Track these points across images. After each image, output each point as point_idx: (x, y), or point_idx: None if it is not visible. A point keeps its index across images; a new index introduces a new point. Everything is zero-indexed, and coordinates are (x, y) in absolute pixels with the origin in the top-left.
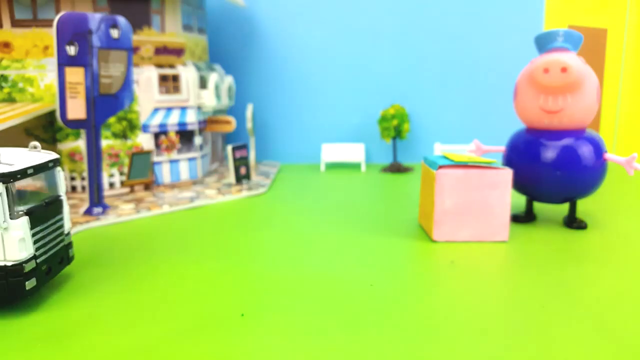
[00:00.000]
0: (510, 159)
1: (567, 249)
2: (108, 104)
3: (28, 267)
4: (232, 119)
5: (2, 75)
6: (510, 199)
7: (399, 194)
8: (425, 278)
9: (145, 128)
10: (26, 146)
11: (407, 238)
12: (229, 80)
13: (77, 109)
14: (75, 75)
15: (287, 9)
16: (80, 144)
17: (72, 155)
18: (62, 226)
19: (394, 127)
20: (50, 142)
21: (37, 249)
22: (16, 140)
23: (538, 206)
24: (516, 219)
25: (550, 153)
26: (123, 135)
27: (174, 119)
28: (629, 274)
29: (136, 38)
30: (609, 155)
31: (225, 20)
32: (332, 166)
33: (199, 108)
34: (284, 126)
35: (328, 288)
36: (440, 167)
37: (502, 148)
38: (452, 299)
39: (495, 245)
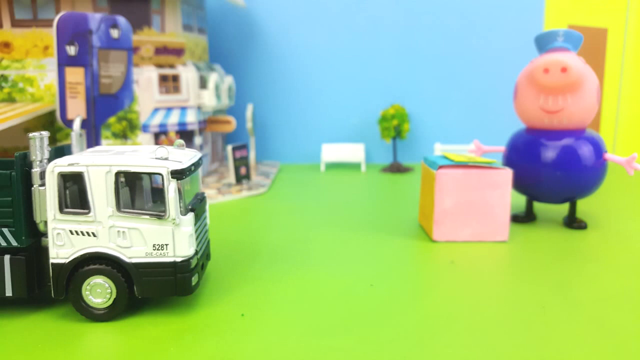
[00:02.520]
0: (510, 159)
1: (567, 249)
2: (108, 104)
3: (193, 263)
4: (232, 119)
5: (2, 75)
6: (510, 199)
7: (399, 194)
8: (425, 278)
9: (145, 128)
10: (26, 146)
11: (407, 238)
12: (229, 80)
13: (77, 109)
14: (75, 75)
15: (287, 9)
16: None
17: None
18: (207, 223)
19: (394, 127)
20: (50, 142)
21: (197, 245)
22: (16, 140)
23: (538, 206)
24: (516, 219)
25: (550, 153)
26: (123, 135)
27: (174, 119)
28: (628, 274)
29: (136, 38)
30: (609, 155)
31: (225, 20)
32: (332, 166)
33: (199, 108)
34: (284, 126)
35: (328, 288)
36: (440, 167)
37: (502, 148)
38: (452, 299)
39: (495, 245)
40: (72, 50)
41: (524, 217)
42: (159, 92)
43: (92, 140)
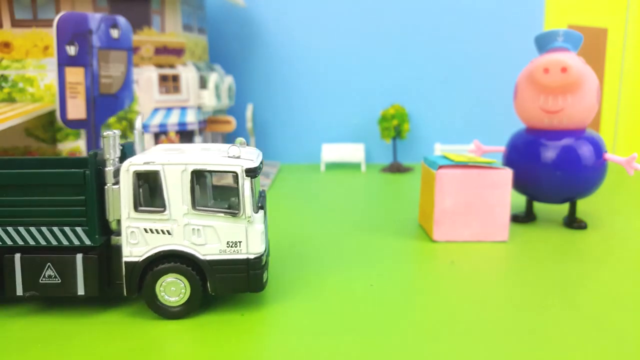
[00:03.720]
0: (510, 159)
1: (567, 249)
2: (108, 104)
3: (264, 260)
4: (232, 119)
5: (2, 75)
6: (510, 199)
7: (399, 194)
8: (425, 278)
9: (145, 128)
10: (26, 146)
11: (407, 238)
12: (229, 80)
13: (77, 109)
14: (75, 75)
15: (287, 9)
16: (80, 144)
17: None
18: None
19: (394, 127)
20: (50, 142)
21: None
22: (16, 140)
23: (538, 206)
24: (516, 219)
25: (550, 153)
26: (123, 135)
27: (174, 119)
28: (628, 274)
29: (136, 38)
30: (609, 155)
31: (225, 20)
32: (332, 166)
33: (199, 108)
34: (284, 126)
35: (328, 288)
36: (440, 167)
37: (502, 148)
38: (452, 299)
39: (495, 245)
40: (72, 50)
41: (524, 217)
42: (159, 92)
43: (92, 140)
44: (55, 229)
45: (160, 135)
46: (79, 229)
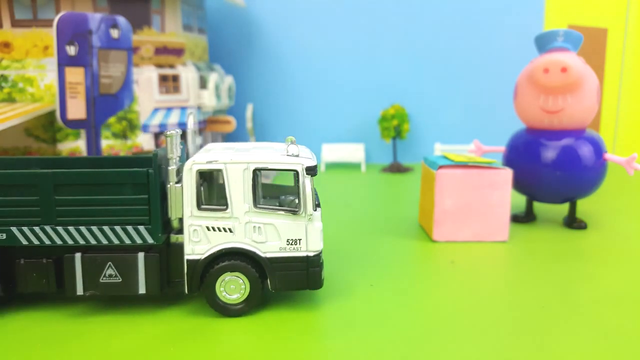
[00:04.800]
0: (510, 159)
1: (567, 249)
2: (108, 104)
3: (321, 258)
4: (232, 119)
5: (2, 75)
6: (510, 199)
7: (399, 194)
8: (425, 278)
9: (145, 128)
10: (26, 146)
11: (407, 238)
12: (229, 80)
13: (77, 109)
14: (75, 75)
15: (287, 9)
16: (80, 144)
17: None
18: None
19: (394, 127)
20: (50, 142)
21: None
22: (16, 140)
23: (538, 206)
24: (516, 219)
25: (550, 153)
26: (123, 135)
27: (174, 119)
28: (628, 274)
29: (136, 38)
30: (608, 156)
31: (225, 20)
32: (332, 166)
33: (199, 108)
34: (284, 126)
35: (328, 288)
36: (440, 167)
37: (502, 148)
38: (452, 299)
39: (495, 245)
40: (72, 50)
41: (524, 217)
42: (159, 92)
43: (92, 140)
44: (117, 227)
45: (160, 135)
46: (141, 228)
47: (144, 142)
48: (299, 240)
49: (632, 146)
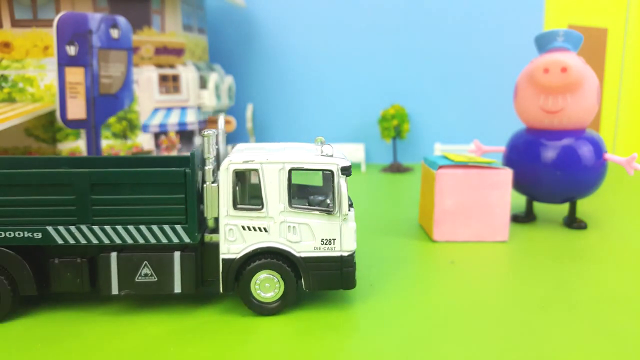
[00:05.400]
0: (510, 159)
1: (567, 249)
2: (108, 104)
3: (354, 258)
4: (232, 119)
5: (2, 75)
6: (510, 199)
7: (399, 194)
8: (425, 278)
9: (145, 128)
10: (26, 146)
11: (407, 238)
12: (229, 80)
13: (77, 109)
14: (75, 75)
15: (287, 9)
16: (80, 144)
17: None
18: None
19: (394, 127)
20: (50, 142)
21: None
22: (16, 140)
23: (538, 206)
24: (516, 219)
25: (550, 153)
26: (123, 135)
27: (174, 119)
28: (628, 274)
29: (136, 38)
30: (608, 155)
31: (225, 20)
32: None
33: (199, 108)
34: (284, 126)
35: None
36: (440, 167)
37: (502, 148)
38: (452, 299)
39: (495, 245)
40: (72, 50)
41: (524, 217)
42: (159, 92)
43: (92, 140)
44: (154, 227)
45: (160, 136)
46: (178, 227)
47: (144, 142)
48: (333, 240)
49: (632, 146)
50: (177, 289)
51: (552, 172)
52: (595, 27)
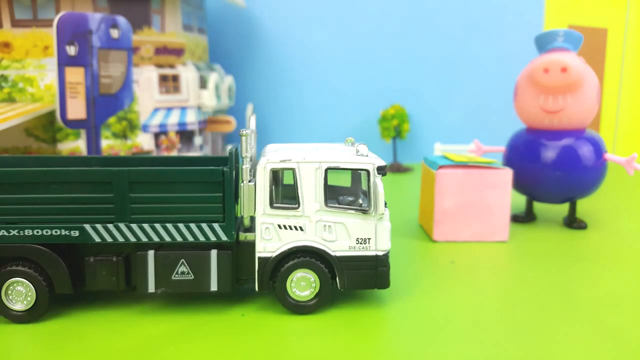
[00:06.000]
0: (510, 159)
1: (567, 249)
2: (108, 104)
3: (389, 257)
4: (232, 119)
5: (2, 75)
6: (510, 199)
7: (399, 194)
8: (425, 278)
9: (145, 128)
10: (26, 146)
11: (407, 238)
12: (229, 80)
13: (77, 109)
14: (75, 75)
15: (287, 9)
16: (80, 144)
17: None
18: None
19: (394, 127)
20: (50, 142)
21: None
22: (16, 140)
23: (538, 206)
24: (516, 219)
25: (550, 153)
26: (123, 135)
27: (174, 119)
28: (628, 274)
29: (136, 38)
30: (608, 155)
31: (225, 20)
32: None
33: (199, 108)
34: (284, 126)
35: None
36: (440, 167)
37: (502, 148)
38: (452, 299)
39: (495, 245)
40: (72, 50)
41: (524, 217)
42: (159, 92)
43: (92, 140)
44: (192, 225)
45: (160, 135)
46: (216, 225)
47: (144, 142)
48: (369, 239)
49: (632, 146)
50: (214, 287)
51: (552, 172)
52: (595, 27)
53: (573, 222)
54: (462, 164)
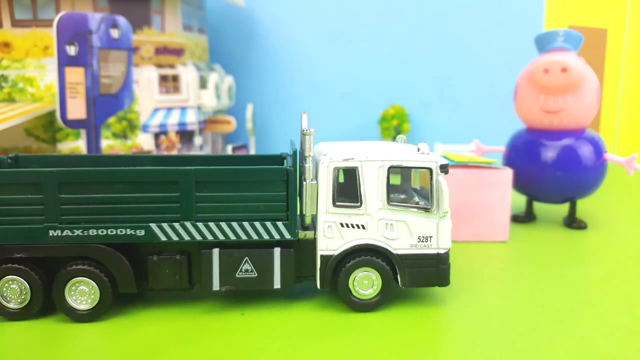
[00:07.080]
0: (510, 159)
1: (567, 249)
2: (108, 104)
3: (449, 255)
4: (232, 119)
5: (2, 75)
6: (510, 199)
7: None
8: None
9: (145, 128)
10: (26, 146)
11: None
12: (229, 80)
13: (77, 109)
14: (75, 75)
15: (287, 9)
16: (80, 144)
17: None
18: None
19: (394, 127)
20: (50, 142)
21: None
22: (16, 140)
23: (538, 206)
24: (516, 219)
25: (550, 153)
26: (123, 135)
27: (174, 119)
28: (628, 274)
29: (136, 38)
30: (608, 155)
31: (225, 20)
32: None
33: (199, 108)
34: (284, 126)
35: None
36: None
37: (502, 148)
38: (452, 299)
39: (495, 245)
40: (72, 50)
41: (524, 217)
42: (159, 92)
43: (92, 140)
44: (256, 223)
45: (160, 135)
46: (280, 224)
47: (144, 142)
48: (430, 237)
49: (632, 146)
50: (277, 284)
51: (552, 172)
52: (595, 28)
53: (573, 222)
54: (462, 164)
